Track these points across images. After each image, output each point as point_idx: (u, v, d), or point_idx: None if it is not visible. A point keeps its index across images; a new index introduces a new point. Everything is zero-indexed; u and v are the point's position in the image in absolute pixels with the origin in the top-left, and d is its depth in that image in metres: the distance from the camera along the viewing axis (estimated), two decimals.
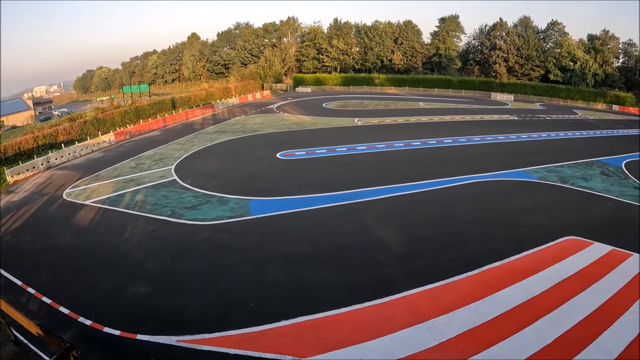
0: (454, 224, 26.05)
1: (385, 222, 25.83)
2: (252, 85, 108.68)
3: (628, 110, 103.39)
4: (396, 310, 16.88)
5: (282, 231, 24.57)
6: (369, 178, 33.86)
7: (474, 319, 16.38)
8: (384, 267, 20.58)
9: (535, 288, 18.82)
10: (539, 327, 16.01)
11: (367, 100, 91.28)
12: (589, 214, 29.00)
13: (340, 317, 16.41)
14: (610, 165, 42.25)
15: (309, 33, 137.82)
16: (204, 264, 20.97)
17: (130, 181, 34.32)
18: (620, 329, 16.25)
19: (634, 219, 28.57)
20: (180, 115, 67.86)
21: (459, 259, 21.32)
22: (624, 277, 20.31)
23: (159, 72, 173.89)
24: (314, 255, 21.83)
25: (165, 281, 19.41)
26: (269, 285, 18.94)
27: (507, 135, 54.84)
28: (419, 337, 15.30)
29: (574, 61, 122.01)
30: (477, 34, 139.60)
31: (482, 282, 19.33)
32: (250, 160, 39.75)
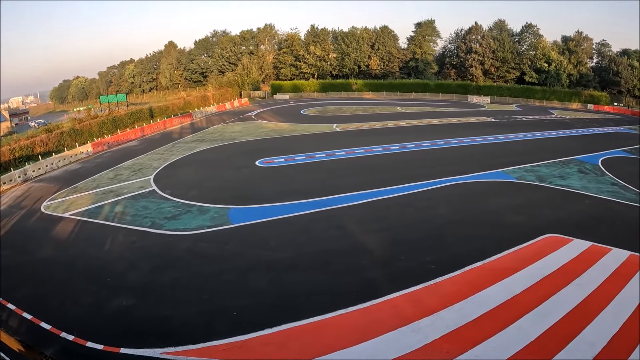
0: (434, 226, 26.19)
1: (367, 227, 25.81)
2: (230, 93, 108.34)
3: (603, 109, 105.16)
4: (380, 314, 16.83)
5: (264, 239, 24.38)
6: (348, 183, 33.91)
7: (458, 319, 16.41)
8: (366, 271, 20.55)
9: (517, 286, 18.97)
10: (522, 325, 16.11)
11: (345, 106, 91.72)
12: (567, 211, 29.41)
13: (325, 323, 16.31)
14: (587, 163, 42.92)
15: (286, 40, 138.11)
16: (186, 274, 20.69)
17: (109, 192, 33.85)
18: (603, 322, 16.49)
19: (611, 215, 29.18)
20: (158, 125, 67.32)
21: (440, 261, 21.37)
22: (605, 271, 20.67)
23: (136, 81, 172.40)
24: (297, 261, 21.70)
25: (148, 293, 19.11)
26: (252, 293, 18.76)
27: (485, 137, 55.45)
28: (404, 339, 15.27)
29: (549, 62, 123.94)
30: (453, 38, 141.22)
31: (464, 282, 19.40)
32: (230, 169, 39.53)
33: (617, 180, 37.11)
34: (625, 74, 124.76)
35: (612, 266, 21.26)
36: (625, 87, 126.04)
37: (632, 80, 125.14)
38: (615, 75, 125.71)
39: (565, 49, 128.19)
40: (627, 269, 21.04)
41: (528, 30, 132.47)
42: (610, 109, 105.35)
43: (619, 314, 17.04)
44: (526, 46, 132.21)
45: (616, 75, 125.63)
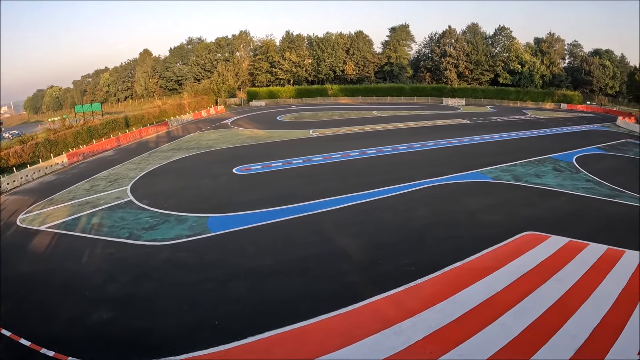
0: (412, 228, 26.24)
1: (345, 231, 25.77)
2: (205, 101, 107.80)
3: (576, 107, 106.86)
4: (362, 318, 16.75)
5: (243, 246, 24.17)
6: (326, 188, 33.89)
7: (440, 319, 16.41)
8: (346, 275, 20.45)
9: (498, 284, 19.09)
10: (504, 322, 16.21)
11: (322, 112, 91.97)
12: (544, 209, 29.80)
13: (308, 329, 16.16)
14: (561, 161, 43.56)
15: (262, 46, 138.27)
16: (166, 284, 20.35)
17: (86, 204, 33.27)
18: (584, 315, 16.75)
19: (587, 211, 29.66)
20: (134, 134, 66.56)
21: (420, 263, 21.39)
22: (583, 266, 21.01)
23: (111, 90, 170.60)
24: (277, 268, 21.51)
25: (128, 305, 18.73)
26: (233, 302, 18.52)
27: (461, 139, 55.98)
28: (387, 342, 15.21)
29: (522, 64, 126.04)
30: (427, 42, 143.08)
31: (444, 283, 19.44)
32: (207, 177, 39.19)
33: (592, 176, 37.75)
34: (597, 73, 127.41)
35: (590, 260, 21.61)
36: (597, 86, 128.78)
37: (604, 79, 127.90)
38: (587, 74, 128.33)
39: (537, 51, 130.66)
40: (605, 263, 21.41)
41: (501, 33, 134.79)
42: (583, 108, 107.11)
43: (599, 307, 17.32)
44: (499, 48, 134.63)
45: (588, 75, 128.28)
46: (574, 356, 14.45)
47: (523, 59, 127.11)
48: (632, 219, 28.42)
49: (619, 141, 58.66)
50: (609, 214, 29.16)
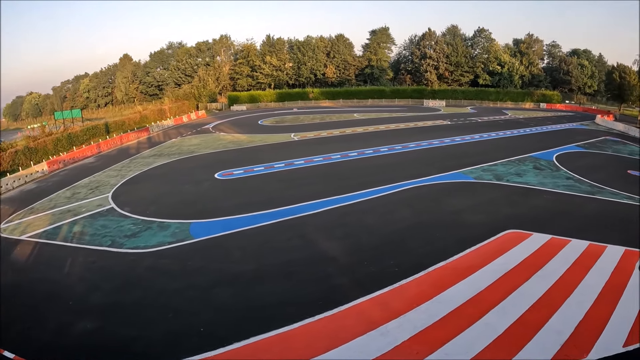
0: (395, 230, 26.25)
1: (329, 234, 25.74)
2: (186, 106, 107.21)
3: (555, 107, 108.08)
4: (348, 320, 16.72)
5: (227, 252, 23.97)
6: (309, 192, 33.84)
7: (425, 319, 16.46)
8: (331, 278, 20.39)
9: (481, 283, 19.23)
10: (489, 320, 16.33)
11: (303, 115, 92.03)
12: (525, 207, 30.12)
13: (294, 333, 16.09)
14: (542, 159, 44.03)
15: (242, 50, 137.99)
16: (150, 292, 20.11)
17: (67, 212, 32.83)
18: (568, 311, 16.99)
19: (568, 208, 30.07)
20: (114, 140, 65.89)
21: (403, 263, 21.43)
22: (565, 262, 21.31)
23: (91, 95, 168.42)
24: (261, 273, 21.37)
25: (112, 314, 18.43)
26: (218, 308, 18.35)
27: (442, 140, 56.30)
28: (373, 343, 15.20)
29: (502, 65, 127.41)
30: (408, 44, 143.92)
31: (429, 283, 19.49)
32: (189, 183, 38.89)
33: (572, 174, 38.23)
34: (576, 73, 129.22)
35: (572, 257, 21.93)
36: (576, 85, 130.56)
37: (583, 78, 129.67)
38: (566, 74, 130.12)
39: (516, 51, 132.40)
40: (587, 259, 21.75)
41: (480, 35, 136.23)
42: (563, 107, 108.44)
43: (583, 302, 17.60)
44: (479, 50, 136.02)
45: (567, 75, 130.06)
46: (559, 351, 14.62)
47: (502, 60, 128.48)
48: (612, 214, 28.96)
49: (598, 139, 59.50)
50: (590, 211, 29.59)
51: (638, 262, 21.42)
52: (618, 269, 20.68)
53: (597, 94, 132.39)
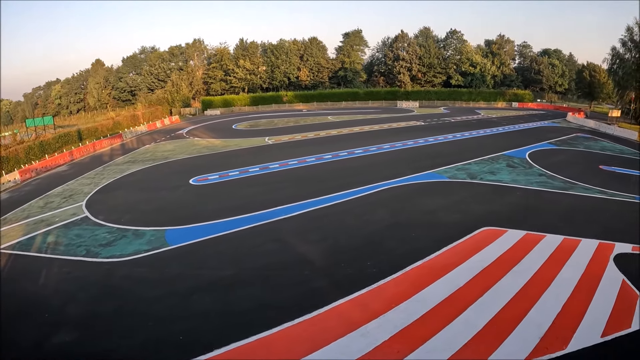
0: (371, 231, 26.27)
1: (305, 237, 25.67)
2: (160, 111, 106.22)
3: (527, 106, 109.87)
4: (328, 323, 16.67)
5: (204, 258, 23.74)
6: (284, 195, 33.73)
7: (405, 319, 16.51)
8: (309, 281, 20.33)
9: (459, 280, 19.38)
10: (468, 317, 16.48)
11: (277, 119, 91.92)
12: (500, 204, 30.55)
13: (274, 338, 15.95)
14: (515, 157, 44.68)
15: (216, 54, 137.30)
16: (127, 302, 19.73)
17: (41, 222, 32.16)
18: (546, 304, 17.29)
19: (542, 204, 30.63)
20: (87, 148, 64.83)
21: (381, 264, 21.47)
22: (541, 257, 21.68)
23: (63, 102, 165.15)
24: (239, 278, 21.20)
25: (90, 325, 17.96)
26: (197, 315, 18.07)
27: (416, 140, 56.78)
28: (354, 345, 15.18)
29: (474, 65, 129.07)
30: (381, 47, 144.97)
31: (407, 283, 19.55)
32: (164, 189, 38.49)
33: (545, 170, 38.88)
34: (547, 72, 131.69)
35: (547, 251, 22.33)
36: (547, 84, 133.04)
37: (553, 77, 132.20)
38: (537, 73, 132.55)
39: (488, 52, 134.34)
40: (562, 253, 22.16)
41: (453, 36, 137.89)
42: (534, 106, 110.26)
43: (560, 295, 17.96)
44: (451, 51, 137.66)
45: (538, 74, 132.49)
46: (539, 344, 14.84)
47: (474, 60, 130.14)
48: (585, 209, 29.57)
49: (570, 136, 60.59)
50: (563, 206, 30.16)
51: (612, 254, 21.83)
52: (593, 262, 21.10)
53: (568, 93, 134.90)
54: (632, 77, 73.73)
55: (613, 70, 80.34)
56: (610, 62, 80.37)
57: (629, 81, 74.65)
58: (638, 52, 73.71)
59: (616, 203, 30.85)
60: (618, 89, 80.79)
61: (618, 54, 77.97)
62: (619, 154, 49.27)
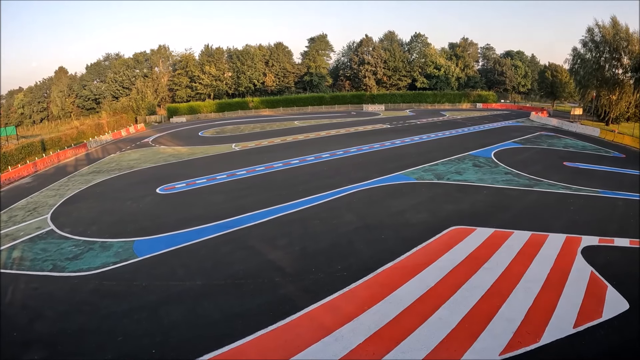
0: (340, 234, 26.27)
1: (273, 244, 25.49)
2: (125, 119, 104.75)
3: (491, 106, 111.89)
4: (301, 329, 16.53)
5: (173, 269, 23.26)
6: (251, 202, 33.54)
7: (378, 320, 16.50)
8: (279, 288, 20.15)
9: (430, 280, 19.50)
10: (441, 315, 16.59)
11: (243, 125, 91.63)
12: (467, 203, 30.98)
13: (247, 347, 15.72)
14: (480, 157, 45.41)
15: (181, 61, 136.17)
16: (96, 316, 19.13)
17: (5, 237, 31.18)
18: (517, 298, 17.61)
19: (509, 201, 31.26)
20: (51, 158, 63.23)
21: (351, 267, 21.46)
22: (510, 253, 22.08)
23: (26, 111, 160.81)
24: (209, 288, 20.87)
25: (59, 343, 17.34)
26: (168, 327, 17.65)
27: (382, 143, 57.24)
28: (328, 349, 15.09)
29: (438, 68, 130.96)
30: (346, 51, 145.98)
31: (378, 284, 19.56)
32: (130, 199, 37.72)
33: (510, 169, 39.60)
34: (510, 73, 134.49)
35: (516, 247, 22.76)
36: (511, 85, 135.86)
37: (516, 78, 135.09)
38: (501, 75, 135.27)
39: (452, 55, 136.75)
40: (531, 248, 22.65)
41: (417, 40, 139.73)
42: (498, 106, 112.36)
43: (530, 289, 18.29)
44: (416, 54, 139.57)
45: (501, 75, 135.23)
46: (513, 338, 15.07)
47: (439, 63, 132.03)
48: (550, 204, 30.35)
49: (534, 134, 61.98)
50: (529, 202, 30.83)
51: (579, 247, 22.25)
52: (561, 255, 21.59)
53: (531, 92, 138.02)
54: (593, 77, 75.73)
55: (574, 70, 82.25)
56: (572, 62, 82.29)
57: (590, 80, 76.62)
58: (598, 52, 75.63)
59: (581, 197, 31.61)
60: (580, 88, 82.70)
61: (579, 54, 79.85)
62: (581, 150, 50.45)
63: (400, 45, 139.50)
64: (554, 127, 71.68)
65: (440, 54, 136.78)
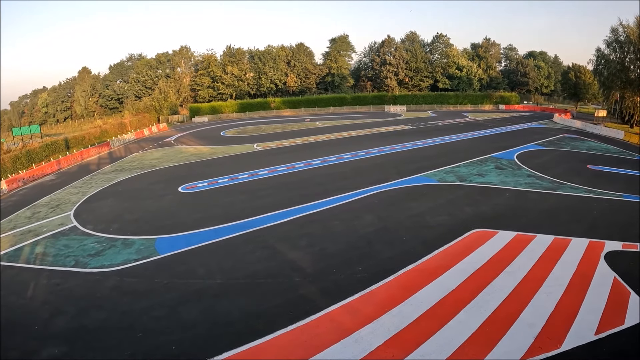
0: (361, 236, 26.17)
1: (293, 244, 25.50)
2: (147, 119, 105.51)
3: (514, 108, 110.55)
4: (320, 329, 16.51)
5: (193, 267, 23.43)
6: (272, 202, 33.61)
7: (398, 322, 16.43)
8: (299, 288, 20.17)
9: (451, 283, 19.35)
10: (461, 318, 16.47)
11: (265, 125, 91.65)
12: (489, 206, 30.60)
13: (265, 346, 15.76)
14: (503, 159, 44.88)
15: (203, 61, 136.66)
16: (117, 313, 19.38)
17: (28, 233, 31.66)
18: (538, 304, 17.34)
19: (531, 204, 30.80)
20: (75, 156, 64.11)
21: (371, 269, 21.42)
22: (532, 257, 21.74)
23: (50, 110, 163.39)
24: (229, 287, 20.98)
25: (79, 338, 17.62)
26: (187, 325, 17.79)
27: (404, 144, 56.92)
28: (347, 351, 15.06)
29: (460, 69, 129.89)
30: (367, 52, 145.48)
31: (398, 286, 19.49)
32: (152, 198, 38.18)
33: (533, 171, 39.10)
34: (533, 74, 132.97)
35: (538, 251, 22.43)
36: (533, 86, 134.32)
37: (539, 79, 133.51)
38: (523, 76, 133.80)
39: (474, 55, 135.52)
40: (553, 252, 22.29)
41: (439, 40, 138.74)
42: (521, 108, 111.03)
43: (552, 294, 18.04)
44: (438, 55, 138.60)
45: (524, 76, 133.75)
46: (533, 343, 14.85)
47: (461, 64, 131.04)
48: (574, 208, 29.70)
49: (557, 136, 61.12)
50: (552, 206, 30.31)
51: (603, 253, 21.92)
52: (584, 260, 21.23)
53: (554, 94, 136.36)
54: (617, 78, 74.29)
55: (598, 71, 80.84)
56: (596, 63, 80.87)
57: (614, 81, 75.21)
58: (622, 53, 74.29)
59: (604, 201, 31.07)
60: (603, 90, 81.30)
61: (603, 54, 78.48)
62: (605, 153, 49.71)
63: (422, 45, 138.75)
64: (577, 129, 70.76)
65: (462, 55, 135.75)
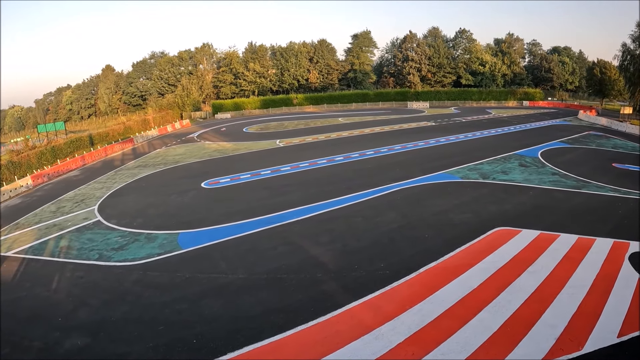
0: (383, 232, 26.09)
1: (315, 240, 25.51)
2: (170, 116, 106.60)
3: (538, 104, 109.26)
4: (341, 326, 16.51)
5: (215, 262, 23.64)
6: (295, 198, 33.74)
7: (419, 320, 16.37)
8: (321, 284, 20.18)
9: (473, 281, 19.19)
10: (482, 318, 16.30)
11: (287, 121, 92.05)
12: (513, 204, 30.19)
13: (286, 342, 15.84)
14: (527, 156, 44.34)
15: (225, 58, 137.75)
16: (139, 306, 19.69)
17: (53, 226, 32.27)
18: (561, 305, 17.03)
19: (555, 203, 30.27)
20: (99, 152, 65.26)
21: (393, 266, 21.32)
22: (555, 257, 21.37)
23: (74, 108, 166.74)
24: (250, 282, 21.08)
25: (101, 330, 17.88)
26: (209, 319, 17.96)
27: (427, 141, 56.54)
28: (368, 348, 15.04)
29: (483, 65, 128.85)
30: (390, 48, 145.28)
31: (420, 284, 19.40)
32: (175, 193, 38.54)
33: (558, 170, 38.51)
34: (557, 70, 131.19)
35: (562, 251, 22.03)
36: (558, 82, 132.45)
37: (564, 75, 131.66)
38: (548, 72, 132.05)
39: (498, 51, 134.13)
40: (577, 252, 21.87)
41: (462, 36, 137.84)
42: (545, 104, 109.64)
43: (575, 295, 17.70)
44: (461, 50, 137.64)
45: (548, 72, 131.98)
46: (555, 345, 14.63)
47: (484, 59, 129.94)
48: (599, 207, 29.17)
49: (582, 134, 60.19)
50: (577, 205, 29.77)
51: (627, 253, 21.56)
52: (608, 261, 20.81)
53: (579, 90, 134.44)
54: None
55: (624, 67, 79.60)
56: (621, 59, 79.63)
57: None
58: None
59: (630, 201, 30.46)
60: (629, 86, 79.99)
61: (629, 50, 77.22)
62: (631, 151, 48.82)
63: (445, 41, 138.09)
64: (602, 126, 69.63)
65: (486, 50, 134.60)
